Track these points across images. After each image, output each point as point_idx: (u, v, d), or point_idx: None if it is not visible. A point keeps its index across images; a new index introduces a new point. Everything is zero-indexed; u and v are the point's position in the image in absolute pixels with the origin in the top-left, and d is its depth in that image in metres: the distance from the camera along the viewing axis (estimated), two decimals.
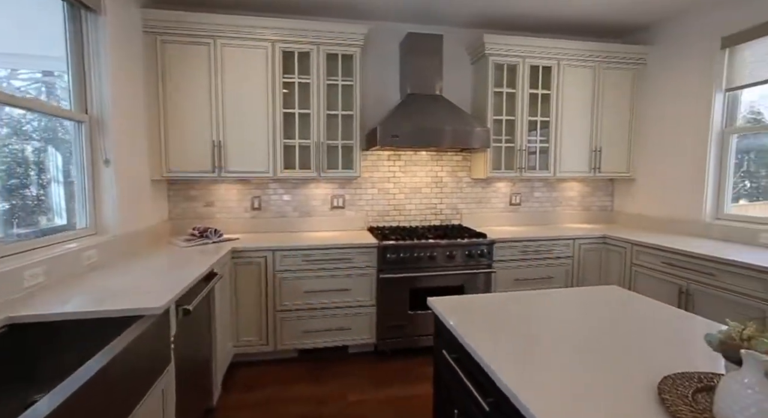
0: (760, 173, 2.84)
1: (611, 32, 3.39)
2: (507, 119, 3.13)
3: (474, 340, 1.12)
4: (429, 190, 3.34)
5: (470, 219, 3.41)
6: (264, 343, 2.60)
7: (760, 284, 2.03)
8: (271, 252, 2.56)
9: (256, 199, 3.08)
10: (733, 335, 0.79)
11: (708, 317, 2.29)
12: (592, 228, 3.31)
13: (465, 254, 2.76)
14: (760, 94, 2.73)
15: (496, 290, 2.87)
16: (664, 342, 1.12)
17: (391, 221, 3.30)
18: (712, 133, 2.82)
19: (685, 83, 2.99)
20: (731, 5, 2.67)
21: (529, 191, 3.53)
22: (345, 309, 2.68)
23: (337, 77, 2.85)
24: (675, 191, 3.08)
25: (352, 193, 3.23)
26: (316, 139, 2.84)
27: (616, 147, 3.33)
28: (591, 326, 1.24)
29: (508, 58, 3.06)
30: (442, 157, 3.34)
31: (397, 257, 2.67)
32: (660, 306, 1.43)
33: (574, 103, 3.20)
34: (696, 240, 2.71)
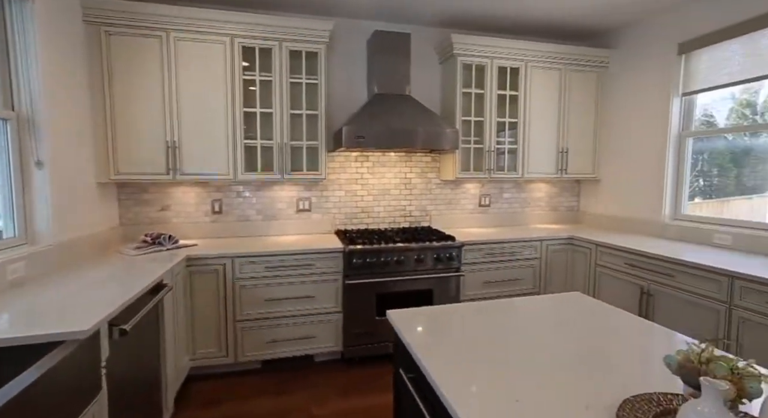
0: (713, 172, 2.96)
1: (576, 35, 3.42)
2: (476, 120, 3.10)
3: (430, 361, 1.05)
4: (398, 192, 3.27)
5: (440, 221, 3.37)
6: (224, 355, 2.46)
7: (714, 285, 2.08)
8: (230, 259, 2.42)
9: (216, 203, 2.92)
10: (691, 358, 0.76)
11: (668, 317, 2.37)
12: (559, 229, 3.34)
13: (433, 257, 2.71)
14: (712, 98, 2.82)
15: (464, 293, 2.84)
16: (626, 358, 1.09)
17: (359, 224, 3.22)
18: (670, 136, 2.89)
19: (645, 87, 3.05)
20: (687, 13, 2.73)
21: (498, 192, 3.52)
22: (310, 317, 2.58)
23: (301, 75, 2.73)
24: (637, 192, 3.15)
25: (318, 195, 3.12)
26: (279, 140, 2.71)
27: (582, 148, 3.37)
28: (553, 342, 1.20)
29: (476, 59, 3.03)
30: (411, 158, 3.28)
31: (363, 262, 2.59)
32: (621, 315, 1.41)
33: (541, 105, 3.21)
34: (656, 241, 2.77)
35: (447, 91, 3.18)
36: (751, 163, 3.05)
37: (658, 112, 2.95)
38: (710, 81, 2.66)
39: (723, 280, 2.04)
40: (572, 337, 1.22)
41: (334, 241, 2.78)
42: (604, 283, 2.79)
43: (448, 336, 1.22)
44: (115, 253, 2.33)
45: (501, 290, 2.93)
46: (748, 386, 0.70)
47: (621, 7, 2.84)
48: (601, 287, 2.81)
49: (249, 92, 2.67)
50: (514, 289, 2.97)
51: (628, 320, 1.36)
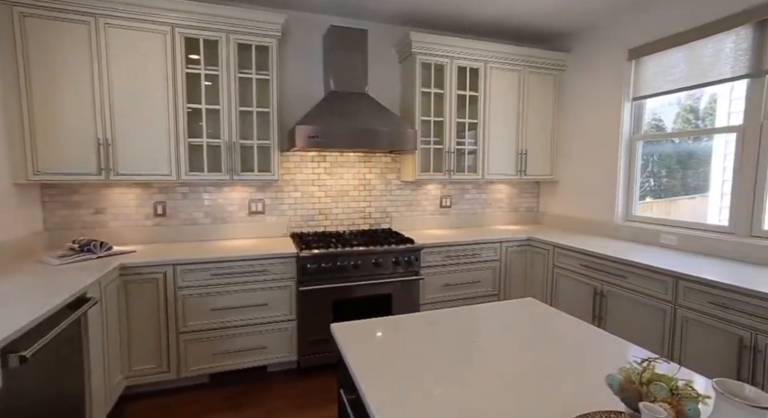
0: (662, 174, 3.08)
1: (535, 38, 3.45)
2: (435, 120, 3.05)
3: (369, 383, 0.96)
4: (357, 193, 3.17)
5: (400, 222, 3.30)
6: (165, 370, 2.27)
7: (660, 285, 2.13)
8: (171, 266, 2.23)
9: (159, 205, 2.70)
10: (632, 378, 0.71)
11: (620, 317, 2.41)
12: (518, 230, 3.36)
13: (392, 261, 2.63)
14: (661, 103, 2.92)
15: (424, 296, 2.79)
16: (574, 373, 1.04)
17: (316, 226, 3.09)
18: (622, 139, 2.96)
19: (599, 91, 3.11)
20: (637, 20, 2.80)
21: (459, 193, 3.50)
22: (262, 326, 2.43)
23: (251, 70, 2.57)
24: (592, 194, 3.21)
25: (272, 197, 2.97)
26: (228, 139, 2.54)
27: (541, 150, 3.40)
28: (502, 357, 1.14)
29: (435, 58, 2.97)
30: (371, 158, 3.19)
31: (318, 267, 2.47)
32: (573, 323, 1.38)
33: (500, 106, 3.21)
34: (609, 241, 2.83)
35: (406, 90, 3.11)
36: (694, 166, 3.21)
37: (611, 115, 3.02)
38: (657, 87, 2.74)
39: (668, 280, 2.08)
40: (522, 350, 1.17)
41: (288, 245, 2.64)
42: (561, 284, 2.82)
43: (393, 353, 1.13)
44: (35, 262, 2.09)
45: (461, 293, 2.90)
46: (686, 408, 0.66)
47: (575, 10, 2.88)
48: (558, 288, 2.84)
49: (193, 87, 2.48)
50: (474, 291, 2.95)
51: (579, 329, 1.33)
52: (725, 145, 3.38)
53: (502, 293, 3.04)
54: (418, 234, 3.09)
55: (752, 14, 2.17)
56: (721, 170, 3.39)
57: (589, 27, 3.17)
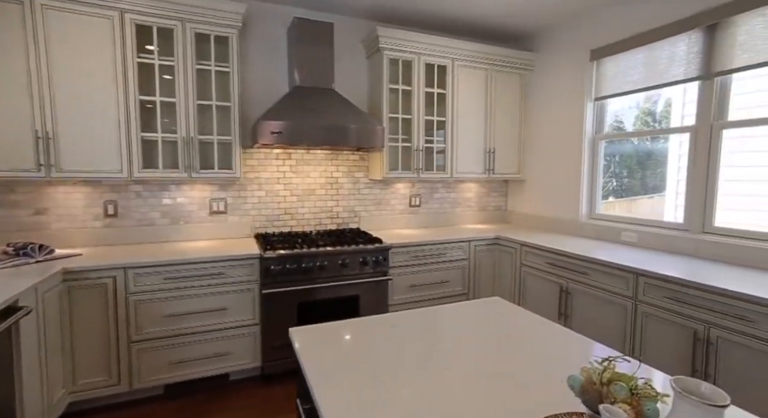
0: (623, 174, 3.19)
1: (502, 37, 3.49)
2: (404, 118, 3.02)
3: (325, 393, 0.90)
4: (324, 192, 3.09)
5: (369, 222, 3.25)
6: (115, 383, 2.10)
7: (622, 282, 2.18)
8: (122, 270, 2.07)
9: (110, 205, 2.52)
10: (593, 379, 0.69)
11: (584, 314, 2.45)
12: (487, 229, 3.38)
13: (359, 261, 2.57)
14: (621, 106, 3.02)
15: (393, 297, 2.74)
16: (539, 372, 1.02)
17: (282, 226, 2.98)
18: (585, 138, 3.03)
19: (563, 91, 3.17)
20: (598, 21, 2.87)
21: (429, 192, 3.48)
22: (223, 332, 2.31)
23: (210, 62, 2.44)
24: (557, 192, 3.27)
25: (235, 195, 2.84)
26: (185, 134, 2.40)
27: (508, 149, 3.44)
28: (466, 359, 1.10)
29: (403, 54, 2.94)
30: (338, 156, 3.11)
31: (282, 269, 2.37)
32: (537, 322, 1.37)
33: (468, 104, 3.21)
34: (574, 239, 2.89)
35: (374, 86, 3.06)
36: (652, 166, 3.35)
37: (575, 115, 3.08)
38: (617, 87, 2.82)
39: (629, 277, 2.13)
40: (487, 351, 1.14)
41: (251, 246, 2.53)
42: (528, 282, 2.85)
43: (353, 358, 1.08)
44: None
45: (430, 293, 2.88)
46: (646, 408, 0.64)
47: (538, 11, 2.92)
48: (526, 286, 2.87)
49: (147, 78, 2.32)
50: (443, 291, 2.93)
51: (544, 328, 1.31)
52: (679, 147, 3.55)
53: (470, 293, 3.04)
54: (387, 234, 3.05)
55: (702, 18, 2.26)
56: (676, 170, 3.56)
57: (553, 27, 3.23)
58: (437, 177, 3.17)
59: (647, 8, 2.55)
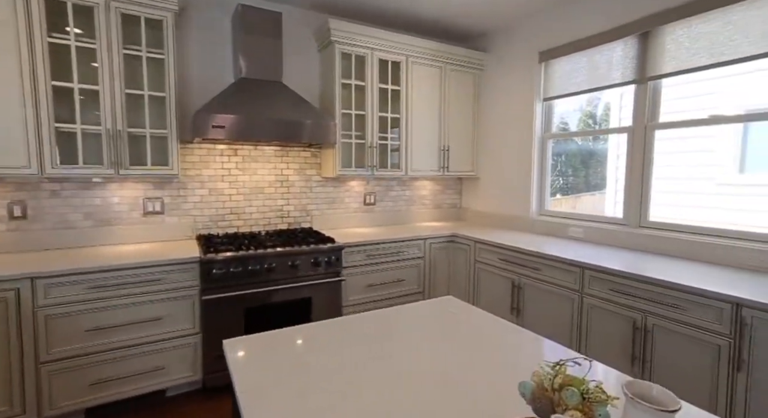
0: (568, 172, 3.33)
1: (455, 35, 3.50)
2: (357, 114, 2.93)
3: (255, 411, 0.79)
4: (273, 191, 2.93)
5: (322, 221, 3.13)
6: (18, 412, 1.83)
7: (570, 276, 2.24)
8: (28, 280, 1.81)
9: (17, 206, 2.21)
10: (545, 384, 0.64)
11: (535, 308, 2.49)
12: (442, 226, 3.39)
13: (311, 262, 2.45)
14: (566, 109, 3.15)
15: (347, 298, 2.65)
16: (492, 377, 0.98)
17: (227, 227, 2.79)
18: (535, 137, 3.11)
19: (514, 91, 3.24)
20: (546, 24, 2.95)
21: (383, 190, 3.42)
22: (158, 344, 2.10)
23: (141, 47, 2.21)
24: (509, 190, 3.35)
25: (174, 194, 2.61)
26: (111, 126, 2.15)
27: (462, 147, 3.46)
28: (416, 366, 1.04)
29: (356, 49, 2.85)
30: (288, 153, 2.97)
31: (226, 273, 2.20)
32: (491, 321, 1.34)
33: (422, 102, 3.19)
34: (525, 235, 2.96)
35: (326, 81, 2.95)
36: (594, 165, 3.54)
37: (525, 115, 3.16)
38: (563, 89, 2.91)
39: (576, 271, 2.20)
40: (439, 355, 1.08)
41: (191, 248, 2.33)
42: (482, 279, 2.88)
43: (293, 370, 0.98)
44: None
45: (385, 293, 2.82)
46: (597, 414, 0.61)
47: (488, 10, 2.96)
48: (480, 283, 2.90)
49: (61, 61, 2.05)
50: (399, 290, 2.89)
51: (497, 328, 1.29)
52: (617, 147, 3.78)
53: (426, 291, 3.03)
54: (340, 233, 2.95)
55: (636, 26, 2.39)
56: (615, 169, 3.79)
57: (505, 29, 3.29)
58: (392, 175, 3.11)
59: (589, 14, 2.65)
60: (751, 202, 3.20)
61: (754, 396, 1.58)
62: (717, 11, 2.07)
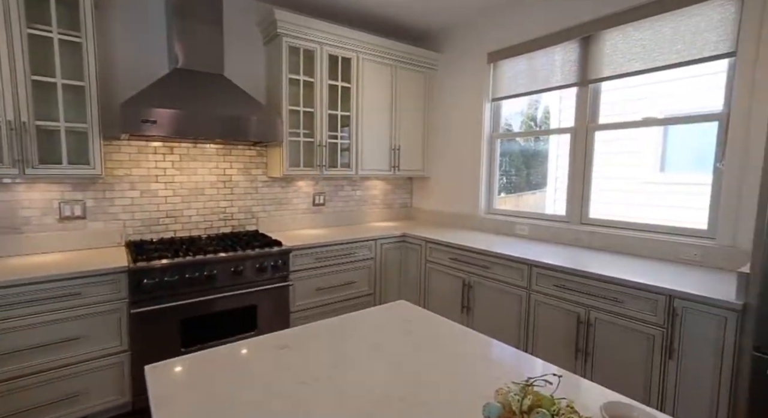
0: (512, 172, 3.45)
1: (407, 34, 3.48)
2: (305, 111, 2.80)
3: None
4: (215, 192, 2.73)
5: (268, 223, 2.97)
6: None
7: (518, 273, 2.29)
8: None
9: None
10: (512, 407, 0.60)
11: (485, 306, 2.50)
12: (393, 226, 3.35)
13: (256, 267, 2.30)
14: (510, 112, 3.26)
15: (295, 303, 2.53)
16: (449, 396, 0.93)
17: (163, 232, 2.55)
18: (484, 137, 3.17)
19: (464, 91, 3.29)
20: (495, 25, 3.01)
21: (333, 190, 3.32)
22: (77, 366, 1.85)
23: (50, 27, 1.93)
24: (459, 189, 3.39)
25: (98, 197, 2.33)
26: (12, 118, 1.86)
27: (413, 146, 3.45)
28: (369, 385, 0.97)
29: (304, 43, 2.72)
30: (231, 151, 2.77)
31: (159, 282, 2.00)
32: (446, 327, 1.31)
33: (373, 100, 3.13)
34: (474, 234, 3.00)
35: (272, 76, 2.79)
36: (535, 165, 3.70)
37: (475, 114, 3.21)
38: (511, 90, 2.99)
39: (524, 268, 2.26)
40: (393, 372, 1.02)
41: (119, 257, 2.08)
42: (433, 278, 2.88)
43: (224, 399, 0.87)
44: None
45: (335, 296, 2.73)
46: None
47: (437, 8, 2.96)
48: (431, 283, 2.90)
49: None
50: (349, 293, 2.81)
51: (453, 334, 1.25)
52: (557, 148, 3.99)
53: (377, 293, 2.98)
54: (289, 235, 2.81)
55: (577, 31, 2.50)
56: (555, 169, 3.99)
57: (455, 29, 3.32)
58: (342, 174, 3.02)
59: (536, 18, 2.74)
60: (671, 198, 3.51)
61: (682, 382, 1.70)
62: (648, 20, 2.22)
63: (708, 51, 2.04)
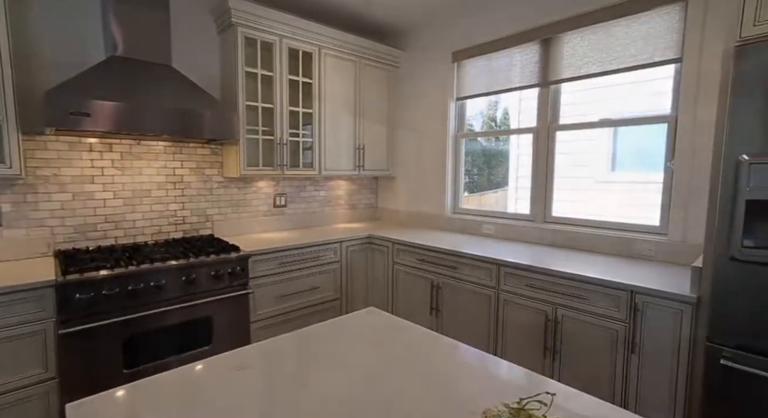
0: (474, 171, 3.47)
1: (371, 29, 3.38)
2: (264, 107, 2.63)
3: None
4: (164, 194, 2.48)
5: (225, 227, 2.76)
6: None
7: (486, 273, 2.27)
8: None
9: None
10: None
11: (454, 307, 2.44)
12: (359, 227, 3.25)
13: (211, 275, 2.11)
14: (472, 112, 3.26)
15: (256, 313, 2.35)
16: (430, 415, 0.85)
17: (101, 239, 2.28)
18: (449, 136, 3.15)
19: (429, 89, 3.25)
20: (460, 24, 2.99)
21: (296, 191, 3.16)
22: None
23: None
24: (425, 188, 3.34)
25: (18, 200, 2.03)
26: None
27: (378, 145, 3.36)
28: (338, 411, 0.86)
29: (262, 34, 2.55)
30: (182, 149, 2.54)
31: (94, 297, 1.76)
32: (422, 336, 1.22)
33: (337, 97, 3.00)
34: (441, 234, 2.97)
35: (227, 68, 2.59)
36: (496, 165, 3.76)
37: (439, 114, 3.18)
38: (475, 89, 2.98)
39: (492, 268, 2.24)
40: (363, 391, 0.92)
41: (45, 269, 1.82)
42: (401, 280, 2.80)
43: None
44: None
45: (300, 302, 2.58)
46: None
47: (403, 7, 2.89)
48: (399, 285, 2.82)
49: None
50: (314, 298, 2.66)
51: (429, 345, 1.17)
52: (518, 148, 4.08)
53: (344, 297, 2.85)
54: (247, 239, 2.62)
55: (538, 32, 2.53)
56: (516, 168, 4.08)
57: (421, 27, 3.26)
58: (304, 174, 2.87)
59: (499, 18, 2.74)
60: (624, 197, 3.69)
61: (643, 375, 1.74)
62: (604, 25, 2.28)
63: (657, 56, 2.12)
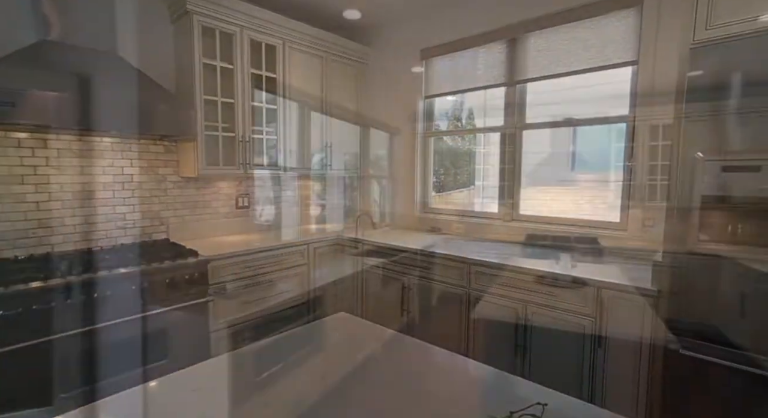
0: (440, 171, 3.47)
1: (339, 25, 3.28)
2: (224, 102, 2.47)
3: None
4: (111, 195, 2.26)
5: (182, 231, 2.56)
6: None
7: (457, 272, 2.25)
8: None
9: None
10: None
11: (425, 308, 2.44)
12: (327, 228, 3.14)
13: (165, 283, 1.94)
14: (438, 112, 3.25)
15: (217, 322, 2.20)
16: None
17: (35, 246, 2.03)
18: (418, 135, 3.12)
19: (398, 87, 3.20)
20: (428, 22, 2.96)
21: (259, 192, 3.00)
22: None
23: None
24: (395, 188, 3.30)
25: None
26: None
27: (346, 144, 3.27)
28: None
29: (221, 24, 2.39)
30: (132, 146, 2.33)
31: (23, 313, 1.55)
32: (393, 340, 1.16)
33: (303, 93, 2.88)
34: (412, 233, 2.93)
35: (182, 60, 2.41)
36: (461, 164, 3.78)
37: (409, 112, 3.14)
38: (443, 87, 2.97)
39: (463, 267, 2.22)
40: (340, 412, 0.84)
41: None
42: (371, 282, 2.73)
43: None
44: None
45: (265, 309, 2.44)
46: None
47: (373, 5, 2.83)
48: (369, 287, 2.75)
49: None
50: (281, 303, 2.54)
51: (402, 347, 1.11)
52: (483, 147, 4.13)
53: (312, 302, 2.74)
54: (207, 243, 2.45)
55: (505, 32, 2.55)
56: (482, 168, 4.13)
57: (388, 23, 3.19)
58: (269, 173, 2.73)
59: (467, 17, 2.73)
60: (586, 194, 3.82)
61: (609, 368, 1.78)
62: (566, 26, 2.32)
63: (616, 58, 2.19)
